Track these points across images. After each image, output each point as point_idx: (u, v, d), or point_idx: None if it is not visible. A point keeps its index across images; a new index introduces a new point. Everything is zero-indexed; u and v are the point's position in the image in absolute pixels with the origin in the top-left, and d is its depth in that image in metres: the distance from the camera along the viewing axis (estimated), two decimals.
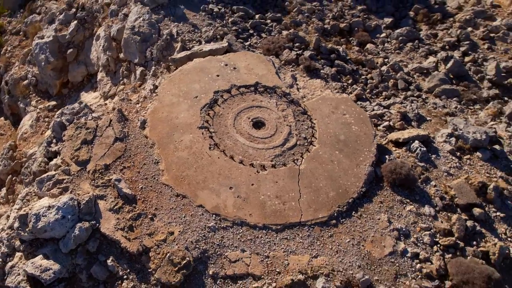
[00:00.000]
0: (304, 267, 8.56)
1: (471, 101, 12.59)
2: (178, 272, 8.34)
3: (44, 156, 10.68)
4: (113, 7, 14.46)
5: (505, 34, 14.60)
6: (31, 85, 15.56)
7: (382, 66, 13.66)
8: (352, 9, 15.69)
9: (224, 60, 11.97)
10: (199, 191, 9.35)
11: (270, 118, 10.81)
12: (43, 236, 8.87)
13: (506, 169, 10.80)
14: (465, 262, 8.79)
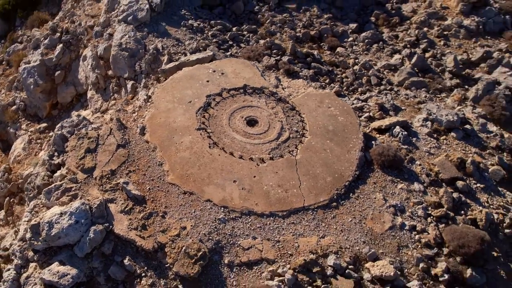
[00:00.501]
0: (313, 247, 8.47)
1: (438, 90, 12.97)
2: (195, 263, 8.07)
3: (46, 170, 10.21)
4: (97, 29, 14.18)
5: (456, 31, 15.20)
6: (20, 110, 14.95)
7: (354, 66, 13.92)
8: (319, 18, 15.98)
9: (212, 67, 11.90)
10: (205, 187, 9.15)
11: (262, 115, 10.77)
12: (56, 244, 8.43)
13: (478, 146, 11.13)
14: (458, 228, 8.93)
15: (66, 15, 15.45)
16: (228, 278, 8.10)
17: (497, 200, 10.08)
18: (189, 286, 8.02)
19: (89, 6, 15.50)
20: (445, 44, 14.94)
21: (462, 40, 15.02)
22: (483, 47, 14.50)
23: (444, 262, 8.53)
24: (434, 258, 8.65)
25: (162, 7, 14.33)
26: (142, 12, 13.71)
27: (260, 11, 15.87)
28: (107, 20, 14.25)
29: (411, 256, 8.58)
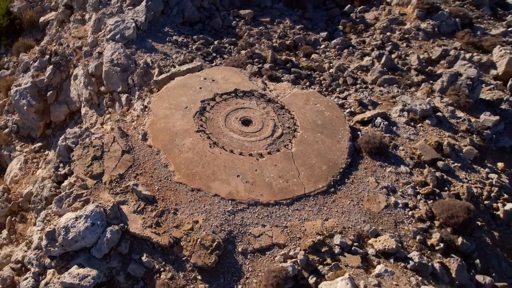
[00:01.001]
0: (319, 229, 8.54)
1: (407, 85, 13.44)
2: (211, 254, 7.98)
3: (53, 181, 9.86)
4: (85, 48, 13.93)
5: (416, 34, 15.85)
6: (13, 132, 14.38)
7: (330, 69, 14.24)
8: (292, 29, 16.31)
9: (202, 75, 11.91)
10: (211, 183, 9.09)
11: (255, 115, 10.83)
12: (73, 248, 8.14)
13: (450, 130, 11.57)
14: (445, 202, 9.22)
15: (53, 38, 15.13)
16: (243, 265, 8.03)
17: (473, 176, 10.48)
18: (207, 275, 7.90)
19: (74, 29, 15.24)
20: (407, 45, 15.55)
21: (422, 41, 15.67)
22: (441, 47, 15.16)
23: (437, 233, 8.77)
24: (428, 230, 8.88)
25: (146, 25, 14.28)
26: (129, 30, 13.61)
27: (238, 26, 16.04)
28: (94, 40, 14.04)
29: (408, 230, 8.77)
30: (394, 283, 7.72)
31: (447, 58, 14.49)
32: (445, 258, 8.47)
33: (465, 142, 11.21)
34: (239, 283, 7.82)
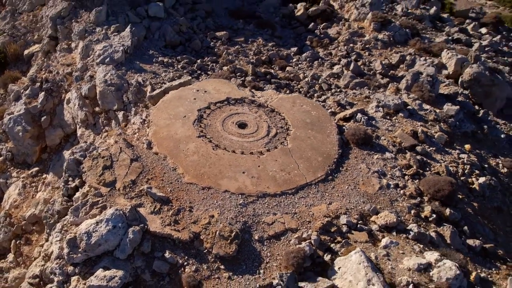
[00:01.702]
0: (326, 212, 8.65)
1: (376, 87, 14.03)
2: (231, 243, 7.88)
3: (63, 195, 9.45)
4: (76, 74, 13.61)
5: (375, 43, 16.67)
6: (7, 160, 13.64)
7: (305, 78, 14.65)
8: (265, 46, 16.70)
9: (195, 88, 11.93)
10: (220, 181, 9.03)
11: (249, 119, 10.93)
12: (96, 253, 7.79)
13: (421, 120, 12.15)
14: (430, 178, 9.63)
15: (42, 67, 14.68)
16: (262, 251, 7.98)
17: (448, 157, 11.01)
18: (229, 264, 7.77)
19: (62, 57, 14.88)
20: (369, 54, 16.30)
21: (381, 50, 16.48)
22: (398, 53, 16.02)
23: (428, 206, 9.10)
24: (419, 205, 9.20)
25: (132, 49, 14.20)
26: (117, 54, 13.48)
27: (216, 46, 16.25)
28: (84, 65, 13.78)
29: (403, 207, 9.05)
30: (400, 252, 7.92)
31: (405, 62, 15.32)
32: (438, 227, 8.79)
33: (435, 130, 11.80)
34: (260, 268, 7.74)
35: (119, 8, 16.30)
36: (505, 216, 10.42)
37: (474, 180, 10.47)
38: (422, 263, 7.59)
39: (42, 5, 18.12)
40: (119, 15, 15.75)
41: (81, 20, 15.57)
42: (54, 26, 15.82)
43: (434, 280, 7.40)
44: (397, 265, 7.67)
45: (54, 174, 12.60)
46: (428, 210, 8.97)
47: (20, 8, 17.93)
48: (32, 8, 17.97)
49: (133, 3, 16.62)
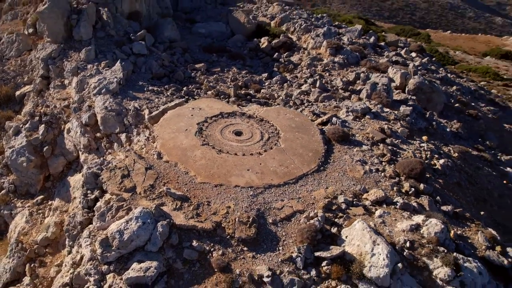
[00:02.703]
0: (325, 195, 9.26)
1: (341, 99, 15.16)
2: (250, 227, 8.23)
3: (83, 208, 9.37)
4: (73, 105, 13.59)
5: (333, 66, 18.07)
6: (10, 192, 13.09)
7: (279, 97, 15.53)
8: (240, 74, 17.56)
9: (190, 106, 12.39)
10: (229, 178, 9.43)
11: (243, 128, 11.49)
12: (128, 249, 7.83)
13: (384, 120, 13.30)
14: (404, 161, 10.58)
15: (38, 103, 14.46)
16: (277, 232, 8.36)
17: (412, 146, 12.10)
18: (251, 246, 8.07)
19: (57, 93, 14.81)
20: (329, 74, 17.61)
21: (338, 70, 17.87)
22: (353, 72, 17.46)
23: (407, 183, 9.97)
24: (399, 183, 10.05)
25: (124, 81, 14.49)
26: (112, 85, 13.71)
27: (196, 76, 16.88)
28: (81, 98, 13.82)
29: (386, 185, 9.85)
30: (393, 219, 8.63)
31: (360, 78, 16.73)
32: (417, 199, 9.64)
33: (397, 126, 12.96)
34: (278, 245, 8.10)
35: (106, 47, 16.64)
36: (463, 189, 11.54)
37: (436, 162, 11.58)
38: (413, 224, 8.33)
39: (28, 50, 18.03)
40: (107, 53, 16.07)
41: (71, 59, 15.69)
42: (46, 67, 15.79)
43: (424, 236, 8.14)
44: (392, 229, 8.35)
45: (61, 199, 12.28)
46: (407, 186, 9.84)
47: (7, 54, 17.69)
48: (19, 53, 17.80)
49: (118, 42, 17.03)
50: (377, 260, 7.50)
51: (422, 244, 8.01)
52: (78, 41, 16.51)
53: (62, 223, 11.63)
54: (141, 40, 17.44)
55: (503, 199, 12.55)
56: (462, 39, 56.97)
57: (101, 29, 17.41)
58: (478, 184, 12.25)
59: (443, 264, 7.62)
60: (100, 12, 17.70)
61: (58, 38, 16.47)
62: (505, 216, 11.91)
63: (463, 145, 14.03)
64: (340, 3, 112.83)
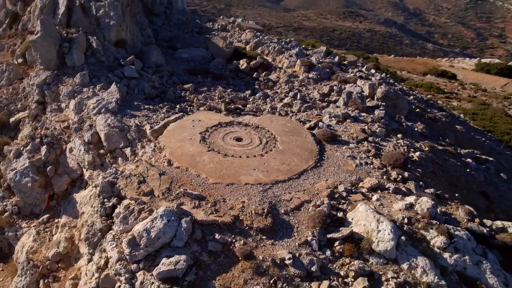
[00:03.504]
0: (326, 186, 9.73)
1: (321, 108, 15.95)
2: (266, 217, 8.51)
3: (100, 216, 9.24)
4: (74, 126, 13.39)
5: (308, 81, 18.97)
6: (14, 214, 12.49)
7: (265, 110, 16.08)
8: (225, 92, 17.98)
9: (190, 119, 12.63)
10: (239, 177, 9.70)
11: (242, 134, 11.86)
12: (155, 247, 7.85)
13: (363, 123, 14.11)
14: (388, 153, 11.32)
15: (37, 127, 14.09)
16: (290, 220, 8.68)
17: (391, 143, 12.91)
18: (269, 234, 8.32)
19: (54, 116, 14.52)
20: (306, 88, 18.46)
21: (314, 85, 18.79)
22: (327, 85, 18.42)
23: (394, 172, 10.67)
24: (387, 172, 10.72)
25: (121, 101, 14.52)
26: (111, 104, 13.72)
27: (186, 95, 17.14)
28: (80, 118, 13.67)
29: (377, 175, 10.48)
30: (389, 201, 9.21)
31: (334, 90, 17.70)
32: (405, 184, 10.33)
33: (375, 127, 13.81)
34: (293, 232, 8.40)
35: (99, 72, 16.62)
36: (438, 177, 12.43)
37: (413, 154, 12.44)
38: (407, 203, 8.95)
39: (19, 79, 17.61)
40: (100, 77, 16.05)
41: (66, 84, 15.53)
42: (41, 92, 15.49)
43: (418, 212, 8.76)
44: (390, 209, 8.92)
45: (68, 216, 11.90)
46: (395, 174, 10.53)
47: None
48: (10, 82, 17.33)
49: (109, 67, 17.06)
50: (383, 235, 7.98)
51: (417, 219, 8.61)
52: (71, 67, 16.40)
53: (72, 238, 11.29)
54: (130, 65, 17.58)
55: (469, 184, 13.59)
56: (404, 62, 61.30)
57: (92, 55, 17.41)
58: (448, 172, 13.22)
59: (438, 234, 8.23)
60: (90, 41, 17.73)
61: (51, 65, 16.28)
62: (473, 198, 12.89)
63: (430, 142, 15.11)
64: (295, 34, 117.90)
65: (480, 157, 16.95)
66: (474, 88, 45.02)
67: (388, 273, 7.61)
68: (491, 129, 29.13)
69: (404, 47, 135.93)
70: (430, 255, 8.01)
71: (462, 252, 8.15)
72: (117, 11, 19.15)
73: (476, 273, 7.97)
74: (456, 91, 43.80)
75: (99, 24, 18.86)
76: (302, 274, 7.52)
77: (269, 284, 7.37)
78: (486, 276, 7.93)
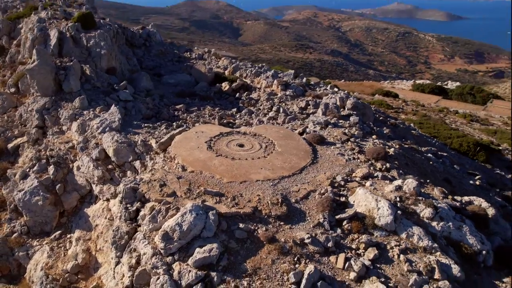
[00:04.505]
0: (326, 177, 10.40)
1: (301, 119, 16.88)
2: (281, 206, 9.01)
3: (125, 220, 9.23)
4: (80, 145, 13.17)
5: (286, 98, 19.96)
6: (23, 234, 11.89)
7: (253, 123, 16.72)
8: (213, 110, 18.43)
9: (193, 131, 12.95)
10: (249, 176, 10.15)
11: (243, 141, 12.36)
12: (187, 239, 8.08)
13: (342, 127, 15.10)
14: (370, 149, 12.30)
15: (41, 149, 13.65)
16: (301, 207, 9.22)
17: (368, 142, 13.96)
18: (285, 220, 8.80)
19: (57, 138, 14.18)
20: (285, 104, 19.41)
21: (291, 100, 19.79)
22: (303, 100, 19.50)
23: (378, 163, 11.62)
24: (372, 164, 11.64)
25: (122, 120, 14.55)
26: (115, 123, 13.73)
27: (179, 114, 17.40)
28: (85, 138, 13.51)
29: (365, 166, 11.34)
30: (380, 185, 10.05)
31: (310, 104, 18.81)
32: (388, 173, 11.28)
33: (353, 130, 14.84)
34: (306, 217, 8.94)
35: (95, 96, 16.56)
36: (410, 168, 13.56)
37: (389, 150, 13.53)
38: (396, 185, 9.84)
39: (13, 107, 17.05)
40: (98, 101, 16.01)
41: (66, 108, 15.31)
42: (41, 117, 15.14)
43: (406, 191, 9.66)
44: (383, 191, 9.74)
45: (81, 230, 11.57)
46: (379, 165, 11.48)
47: None
48: (5, 111, 16.74)
49: (105, 92, 17.05)
50: (383, 211, 8.74)
51: (407, 197, 9.49)
52: (68, 92, 16.21)
53: (89, 249, 11.02)
54: (124, 89, 17.67)
55: (434, 174, 14.90)
56: (353, 85, 65.35)
57: (86, 82, 17.32)
58: (417, 164, 14.46)
59: (426, 207, 9.13)
60: (83, 68, 17.67)
61: (48, 92, 16.00)
62: (439, 184, 14.05)
63: (398, 141, 16.43)
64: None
65: (437, 153, 18.59)
66: (415, 104, 48.91)
67: (391, 242, 8.32)
68: (436, 135, 31.79)
69: (350, 74, 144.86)
70: (421, 224, 8.85)
71: (446, 220, 9.07)
72: (107, 41, 19.31)
73: (459, 236, 8.90)
74: (401, 106, 47.38)
75: (90, 54, 18.86)
76: (321, 250, 8.04)
77: (294, 261, 7.80)
78: (467, 238, 8.88)
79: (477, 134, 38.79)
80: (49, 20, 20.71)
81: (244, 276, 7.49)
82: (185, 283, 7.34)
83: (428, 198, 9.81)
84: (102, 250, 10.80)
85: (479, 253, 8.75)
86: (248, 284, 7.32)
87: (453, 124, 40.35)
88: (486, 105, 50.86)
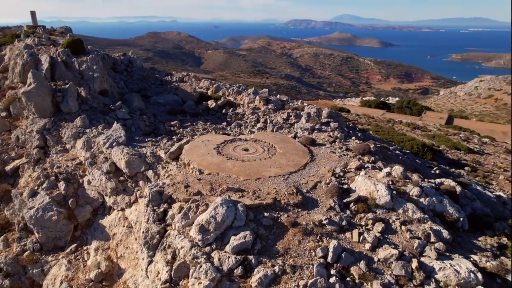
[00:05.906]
0: (327, 170, 11.13)
1: (288, 127, 17.70)
2: (296, 195, 9.54)
3: (153, 221, 9.19)
4: (88, 161, 12.79)
5: (269, 111, 20.79)
6: (35, 251, 11.17)
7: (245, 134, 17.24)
8: (206, 124, 18.75)
9: (199, 140, 13.17)
10: (262, 173, 10.61)
11: (247, 146, 12.82)
12: (221, 230, 8.30)
13: (326, 132, 16.13)
14: (356, 146, 13.29)
15: (47, 167, 13.00)
16: (312, 196, 9.81)
17: (350, 142, 15.02)
18: (302, 207, 9.31)
19: (61, 157, 13.63)
20: (269, 116, 20.23)
21: (274, 113, 20.64)
22: (284, 113, 20.43)
23: (365, 157, 12.60)
24: (361, 158, 12.59)
25: (126, 136, 14.41)
26: (121, 138, 13.58)
27: (175, 130, 17.45)
28: (92, 154, 13.17)
29: (356, 160, 12.27)
30: (373, 173, 10.96)
31: (292, 115, 19.77)
32: (375, 164, 12.28)
33: (335, 134, 15.89)
34: (318, 203, 9.52)
35: (94, 116, 16.21)
36: (388, 161, 14.77)
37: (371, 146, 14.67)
38: (386, 172, 10.81)
39: (7, 131, 16.12)
40: (99, 120, 15.70)
41: (67, 127, 14.84)
42: (42, 137, 14.50)
43: (395, 176, 10.64)
44: (376, 178, 10.63)
45: (99, 240, 11.16)
46: (367, 158, 12.47)
47: None
48: None
49: (102, 112, 16.75)
50: (381, 193, 9.59)
51: (397, 180, 10.47)
52: (67, 113, 15.73)
53: (109, 257, 10.66)
54: (120, 109, 17.46)
55: (406, 166, 16.23)
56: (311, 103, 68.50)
57: (83, 103, 16.92)
58: (391, 158, 15.75)
59: (414, 186, 10.14)
60: (78, 91, 17.26)
61: (46, 113, 15.42)
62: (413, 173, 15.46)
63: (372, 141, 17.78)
64: None
65: (402, 151, 20.24)
66: (366, 116, 52.41)
67: (392, 217, 9.14)
68: (391, 140, 34.41)
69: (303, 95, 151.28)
70: (412, 201, 9.80)
71: (430, 196, 10.11)
72: (99, 65, 19.07)
73: (441, 208, 9.95)
74: (356, 119, 50.51)
75: (83, 77, 18.48)
76: (337, 228, 8.64)
77: (317, 239, 8.31)
78: (447, 209, 9.95)
79: (421, 138, 42.42)
80: (37, 46, 20.08)
81: (277, 256, 7.84)
82: (227, 268, 7.54)
83: (412, 181, 10.87)
84: (123, 257, 10.52)
85: (458, 220, 9.83)
86: (283, 263, 7.68)
87: (401, 131, 43.79)
88: (421, 116, 55.96)
